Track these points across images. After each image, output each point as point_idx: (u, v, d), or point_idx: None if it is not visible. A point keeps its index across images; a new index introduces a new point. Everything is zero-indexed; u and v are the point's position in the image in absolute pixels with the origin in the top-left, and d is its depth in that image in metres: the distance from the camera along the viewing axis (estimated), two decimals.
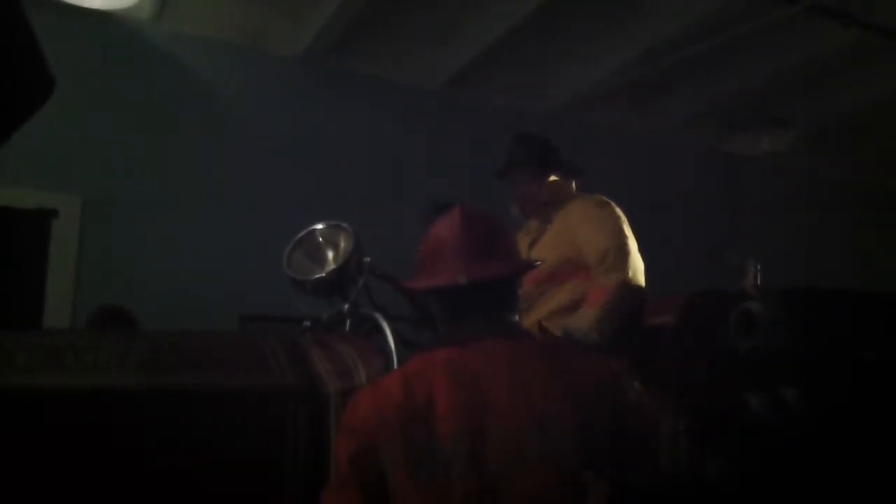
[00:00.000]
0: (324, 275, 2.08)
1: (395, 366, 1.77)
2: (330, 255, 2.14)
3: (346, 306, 2.06)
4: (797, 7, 4.28)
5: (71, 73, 2.51)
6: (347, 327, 2.05)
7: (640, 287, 2.82)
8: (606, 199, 2.99)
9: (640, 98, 5.70)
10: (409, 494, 1.40)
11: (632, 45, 4.99)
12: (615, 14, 4.70)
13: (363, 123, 5.06)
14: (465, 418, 1.42)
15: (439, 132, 5.29)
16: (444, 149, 5.21)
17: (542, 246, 2.97)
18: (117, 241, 4.26)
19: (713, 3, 4.39)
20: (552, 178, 3.07)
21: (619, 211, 2.94)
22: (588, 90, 5.49)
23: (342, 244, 2.12)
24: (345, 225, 2.17)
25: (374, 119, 5.12)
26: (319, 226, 2.22)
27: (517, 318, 1.66)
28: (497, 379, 1.46)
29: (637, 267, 2.84)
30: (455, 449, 1.41)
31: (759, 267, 2.51)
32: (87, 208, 4.26)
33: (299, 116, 4.89)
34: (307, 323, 2.11)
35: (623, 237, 2.85)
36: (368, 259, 2.13)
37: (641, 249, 2.91)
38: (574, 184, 3.12)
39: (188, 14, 4.52)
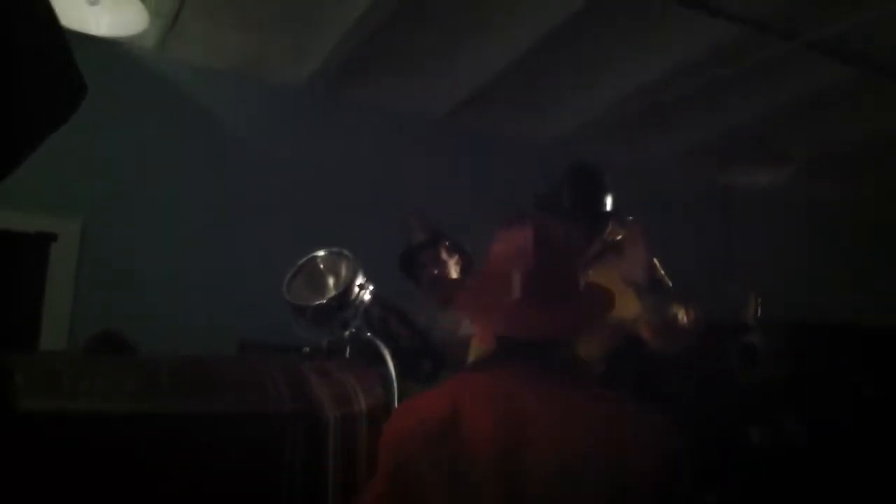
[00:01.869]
0: (324, 301, 2.07)
1: (396, 393, 1.76)
2: (331, 281, 2.13)
3: (347, 333, 2.05)
4: (795, 42, 4.32)
5: None
6: (347, 354, 2.04)
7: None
8: None
9: (638, 130, 5.73)
10: None
11: (631, 78, 5.03)
12: (616, 48, 4.74)
13: (364, 152, 5.09)
14: (504, 445, 1.41)
15: (440, 161, 5.31)
16: (445, 178, 5.23)
17: None
18: (116, 266, 4.26)
19: (713, 38, 4.43)
20: None
21: None
22: (588, 122, 5.53)
23: (343, 271, 2.11)
24: (346, 252, 2.17)
25: (375, 148, 5.15)
26: (321, 252, 2.22)
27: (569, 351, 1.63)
28: (540, 410, 1.44)
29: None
30: (490, 473, 1.39)
31: (759, 299, 2.52)
32: (86, 233, 4.26)
33: (301, 145, 4.91)
34: (306, 349, 2.10)
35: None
36: (372, 287, 2.13)
37: None
38: None
39: (192, 43, 4.56)
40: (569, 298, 1.57)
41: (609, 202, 2.81)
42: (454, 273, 3.43)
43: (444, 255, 3.41)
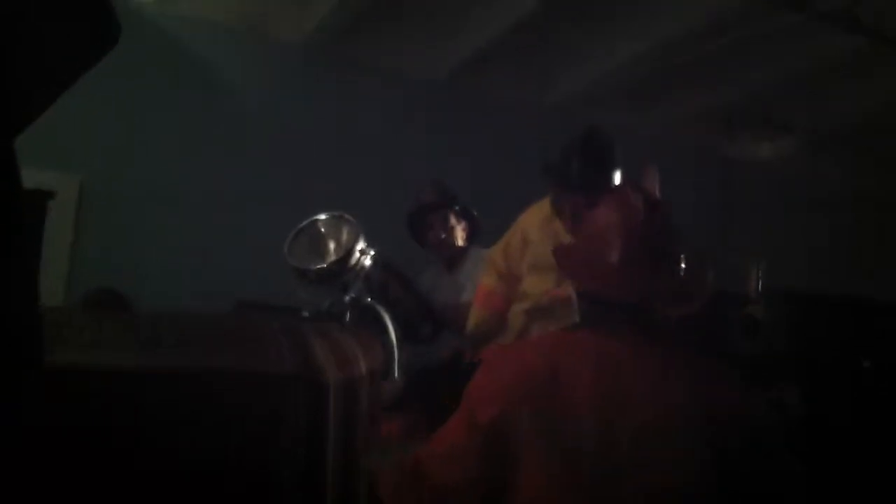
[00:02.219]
0: (325, 265, 2.06)
1: (396, 357, 1.76)
2: (332, 245, 2.12)
3: (348, 297, 2.04)
4: (805, 14, 4.26)
5: None
6: (348, 318, 2.03)
7: None
8: None
9: (641, 97, 5.68)
10: (536, 467, 1.38)
11: (634, 44, 4.97)
12: (619, 12, 4.68)
13: (364, 112, 5.04)
14: (603, 402, 1.42)
15: (441, 123, 5.27)
16: (445, 140, 5.19)
17: None
18: (114, 224, 4.24)
19: (719, 5, 4.38)
20: None
21: None
22: (590, 87, 5.48)
23: (345, 235, 2.10)
24: (348, 216, 2.16)
25: (376, 108, 5.10)
26: (322, 216, 2.20)
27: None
28: (637, 369, 1.46)
29: None
30: (589, 429, 1.40)
31: (760, 270, 2.51)
32: (84, 190, 4.23)
33: (300, 102, 4.86)
34: (306, 313, 2.10)
35: None
36: (372, 252, 2.12)
37: None
38: None
39: None
40: (671, 265, 1.59)
41: (618, 175, 2.75)
42: (460, 240, 3.42)
43: (452, 220, 3.40)
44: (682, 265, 1.61)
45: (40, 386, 0.93)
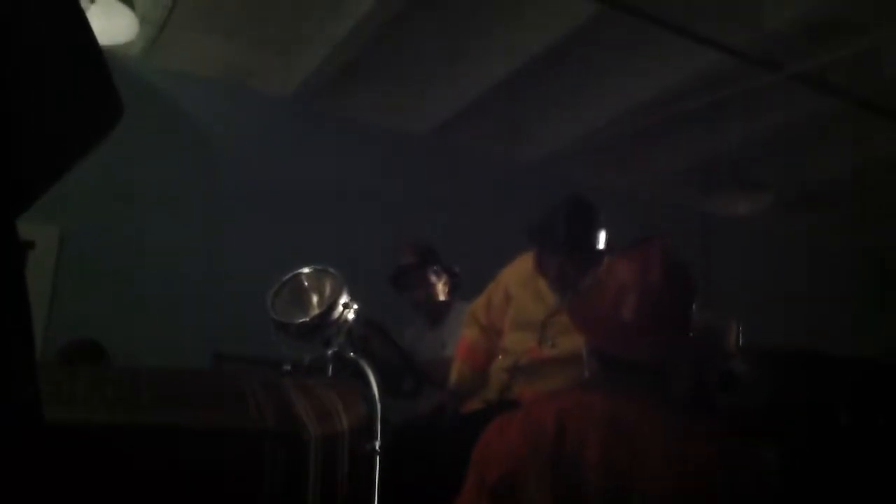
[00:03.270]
0: (307, 319, 2.06)
1: (378, 412, 1.75)
2: (315, 299, 2.12)
3: (329, 351, 2.04)
4: (780, 75, 4.38)
5: None
6: (329, 372, 2.03)
7: None
8: None
9: (619, 154, 5.78)
10: None
11: (614, 103, 5.08)
12: (599, 72, 4.79)
13: (347, 165, 5.08)
14: (616, 472, 1.39)
15: (423, 177, 5.32)
16: (427, 193, 5.23)
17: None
18: (93, 275, 4.22)
19: (697, 66, 4.49)
20: None
21: None
22: (569, 145, 5.57)
23: (328, 289, 2.10)
24: (331, 269, 2.16)
25: (359, 161, 5.14)
26: (305, 270, 2.20)
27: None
28: (653, 439, 1.41)
29: None
30: (598, 494, 1.37)
31: (739, 327, 2.54)
32: (65, 240, 4.21)
33: (285, 155, 4.90)
34: (287, 367, 2.09)
35: None
36: (356, 306, 2.12)
37: None
38: None
39: (179, 51, 4.55)
40: (684, 327, 1.56)
41: (603, 239, 2.79)
42: (442, 295, 3.45)
43: (432, 278, 3.44)
44: (694, 328, 1.60)
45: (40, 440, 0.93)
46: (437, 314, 3.45)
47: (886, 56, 4.43)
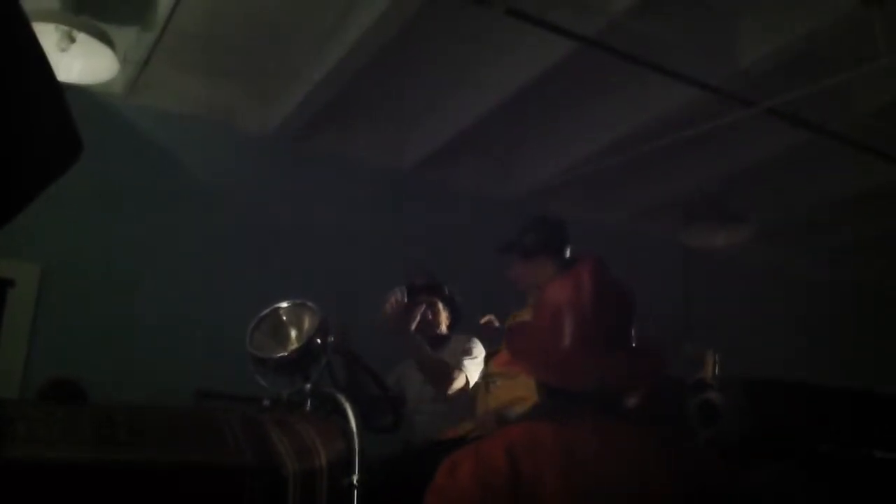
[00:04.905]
0: (286, 354, 2.06)
1: (357, 447, 1.74)
2: (293, 333, 2.12)
3: (308, 386, 2.04)
4: (754, 109, 4.45)
5: None
6: (308, 407, 2.02)
7: None
8: None
9: (599, 189, 5.84)
10: None
11: (594, 138, 5.15)
12: (578, 108, 4.86)
13: (330, 202, 5.09)
14: (578, 497, 1.35)
15: (406, 213, 5.34)
16: (409, 230, 5.25)
17: None
18: (73, 313, 4.20)
19: (674, 102, 4.56)
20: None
21: None
22: (550, 180, 5.62)
23: (306, 323, 2.11)
24: (310, 304, 2.17)
25: (340, 198, 5.16)
26: (283, 304, 2.21)
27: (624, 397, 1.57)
28: (610, 465, 1.38)
29: None
30: None
31: (717, 357, 2.55)
32: (45, 278, 4.19)
33: (267, 193, 4.91)
34: (266, 402, 2.08)
35: None
36: (332, 339, 2.12)
37: None
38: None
39: (160, 90, 4.58)
40: (625, 349, 1.52)
41: (568, 250, 3.00)
42: (444, 326, 3.43)
43: (439, 305, 3.41)
44: (634, 346, 1.56)
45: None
46: (435, 345, 3.37)
47: (860, 91, 4.55)
